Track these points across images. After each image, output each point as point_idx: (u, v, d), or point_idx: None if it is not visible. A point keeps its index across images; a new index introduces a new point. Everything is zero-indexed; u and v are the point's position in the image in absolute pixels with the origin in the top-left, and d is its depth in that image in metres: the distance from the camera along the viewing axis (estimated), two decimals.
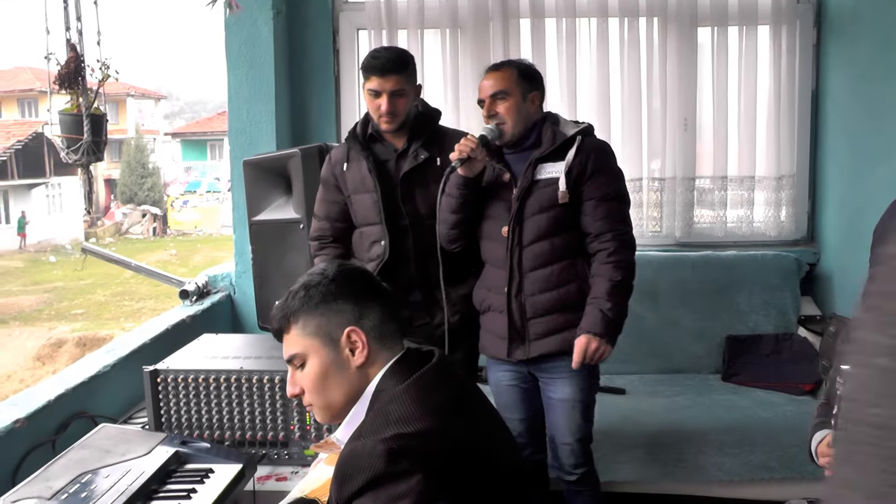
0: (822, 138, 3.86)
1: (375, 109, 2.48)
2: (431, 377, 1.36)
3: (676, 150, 3.81)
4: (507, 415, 2.54)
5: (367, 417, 1.35)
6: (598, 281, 2.38)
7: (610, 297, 2.34)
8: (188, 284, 3.48)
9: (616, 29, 3.77)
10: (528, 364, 2.48)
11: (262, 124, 3.57)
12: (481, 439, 1.38)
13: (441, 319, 2.56)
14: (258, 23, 3.51)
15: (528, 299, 2.42)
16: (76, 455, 1.92)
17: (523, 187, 2.40)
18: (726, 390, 3.42)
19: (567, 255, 2.42)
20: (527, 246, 2.41)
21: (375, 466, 1.22)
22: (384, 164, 2.57)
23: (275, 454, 2.25)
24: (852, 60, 3.63)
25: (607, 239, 2.39)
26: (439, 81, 3.82)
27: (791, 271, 3.73)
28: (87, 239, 22.90)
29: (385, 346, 1.40)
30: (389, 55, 2.49)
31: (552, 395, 2.48)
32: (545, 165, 2.40)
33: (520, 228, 2.41)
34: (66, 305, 16.23)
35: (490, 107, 2.42)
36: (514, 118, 2.41)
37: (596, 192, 2.39)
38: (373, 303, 1.39)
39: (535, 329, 2.43)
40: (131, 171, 27.82)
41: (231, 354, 2.39)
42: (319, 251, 2.69)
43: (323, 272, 1.42)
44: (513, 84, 2.41)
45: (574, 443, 2.48)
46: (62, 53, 2.67)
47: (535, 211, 2.39)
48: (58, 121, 2.75)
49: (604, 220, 2.39)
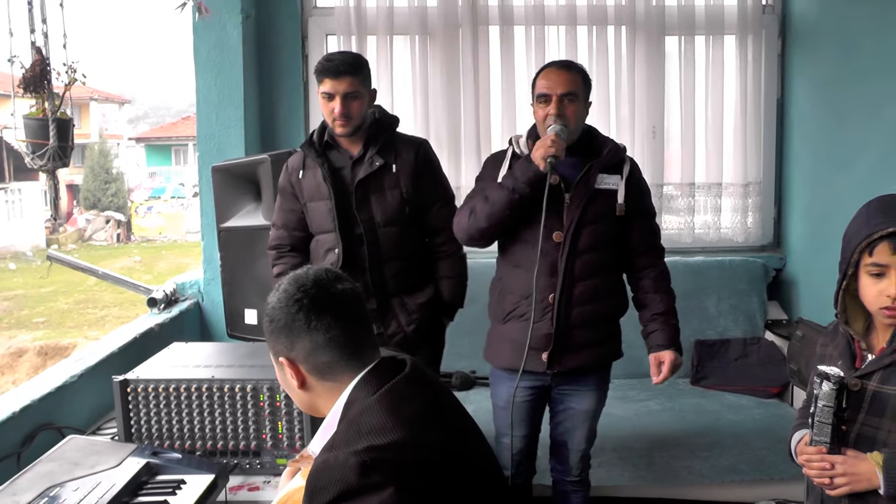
0: (788, 146, 3.92)
1: (329, 113, 2.47)
2: (403, 387, 1.35)
3: (645, 157, 3.84)
4: (513, 432, 2.47)
5: (340, 428, 1.33)
6: (659, 298, 2.43)
7: (674, 312, 2.43)
8: (156, 292, 3.43)
9: (584, 37, 3.80)
10: (555, 376, 2.43)
11: (231, 129, 3.54)
12: (455, 449, 1.37)
13: (396, 329, 2.55)
14: (227, 27, 3.48)
15: (576, 309, 2.37)
16: (43, 468, 1.88)
17: (586, 195, 2.34)
18: (695, 394, 3.47)
19: (613, 268, 2.43)
20: (581, 254, 2.35)
21: (347, 479, 1.21)
22: (339, 171, 2.55)
23: (247, 464, 2.22)
24: (815, 70, 3.70)
25: (658, 256, 2.46)
26: (408, 88, 3.82)
27: (758, 276, 3.78)
28: (49, 245, 22.50)
29: (323, 375, 1.39)
30: (343, 58, 2.48)
31: (575, 406, 2.47)
32: (603, 176, 2.37)
33: (576, 235, 2.34)
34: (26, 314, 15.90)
35: (560, 105, 2.33)
36: (577, 122, 2.36)
37: (646, 209, 2.45)
38: (302, 335, 1.37)
39: (577, 339, 2.38)
40: (95, 177, 27.37)
41: (202, 363, 2.36)
42: (277, 260, 2.67)
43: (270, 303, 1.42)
44: (580, 87, 2.36)
45: (587, 449, 2.53)
46: (26, 56, 2.62)
47: (593, 220, 2.35)
48: (22, 125, 2.69)
49: (652, 236, 2.46)
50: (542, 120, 2.35)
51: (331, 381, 1.39)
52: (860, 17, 3.31)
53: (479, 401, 3.34)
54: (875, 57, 3.18)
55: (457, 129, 3.78)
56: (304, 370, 1.40)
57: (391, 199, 2.52)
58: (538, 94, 2.36)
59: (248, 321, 3.08)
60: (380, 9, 3.73)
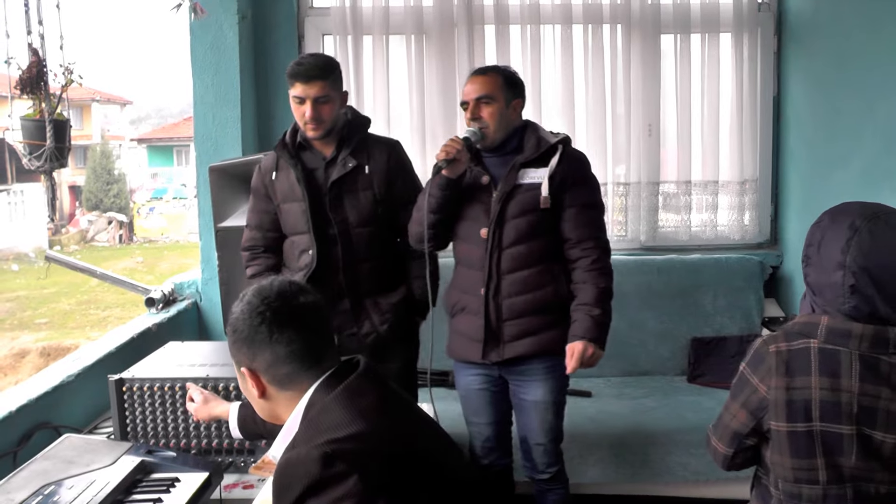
0: (784, 143, 3.93)
1: (301, 116, 2.48)
2: (357, 383, 1.39)
3: (641, 155, 3.86)
4: (475, 419, 2.58)
5: (300, 429, 1.37)
6: (585, 287, 2.43)
7: (598, 303, 2.41)
8: (154, 292, 3.44)
9: (580, 36, 3.81)
10: (500, 366, 2.49)
11: (228, 130, 3.55)
12: (416, 438, 1.41)
13: (369, 328, 2.57)
14: (223, 27, 3.49)
15: (505, 301, 2.44)
16: (39, 466, 1.90)
17: (505, 191, 2.42)
18: (692, 391, 3.47)
19: (544, 259, 2.45)
20: (506, 248, 2.42)
21: (311, 472, 1.24)
22: (313, 172, 2.56)
23: (241, 462, 2.24)
24: (811, 67, 3.71)
25: (590, 246, 2.45)
26: (404, 87, 3.83)
27: (755, 274, 3.79)
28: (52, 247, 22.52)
29: (283, 385, 1.42)
30: (314, 62, 2.48)
31: (525, 397, 2.50)
32: (527, 171, 2.43)
33: (500, 231, 2.42)
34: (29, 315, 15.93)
35: (475, 109, 2.43)
36: (497, 123, 2.43)
37: (577, 200, 2.44)
38: (264, 347, 1.40)
39: (510, 331, 2.45)
40: (97, 178, 27.40)
41: (197, 362, 2.37)
42: (251, 262, 2.68)
43: (234, 313, 1.44)
44: (498, 90, 2.44)
45: (547, 443, 2.52)
46: (23, 57, 2.64)
47: (516, 214, 2.42)
48: (19, 126, 2.70)
49: (585, 227, 2.45)
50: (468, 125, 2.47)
51: (290, 390, 1.42)
52: (855, 13, 3.31)
53: None
54: (870, 53, 3.19)
55: (452, 128, 3.78)
56: (265, 381, 1.43)
57: (364, 200, 2.54)
58: (461, 102, 2.50)
59: None
60: (375, 8, 3.75)
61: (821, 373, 1.56)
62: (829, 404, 1.55)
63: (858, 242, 1.55)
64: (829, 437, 1.56)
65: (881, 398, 1.53)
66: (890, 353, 1.54)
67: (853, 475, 1.56)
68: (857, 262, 1.54)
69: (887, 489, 1.56)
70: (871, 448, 1.55)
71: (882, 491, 1.57)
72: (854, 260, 1.55)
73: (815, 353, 1.57)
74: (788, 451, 1.61)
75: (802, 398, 1.57)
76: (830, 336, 1.57)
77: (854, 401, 1.54)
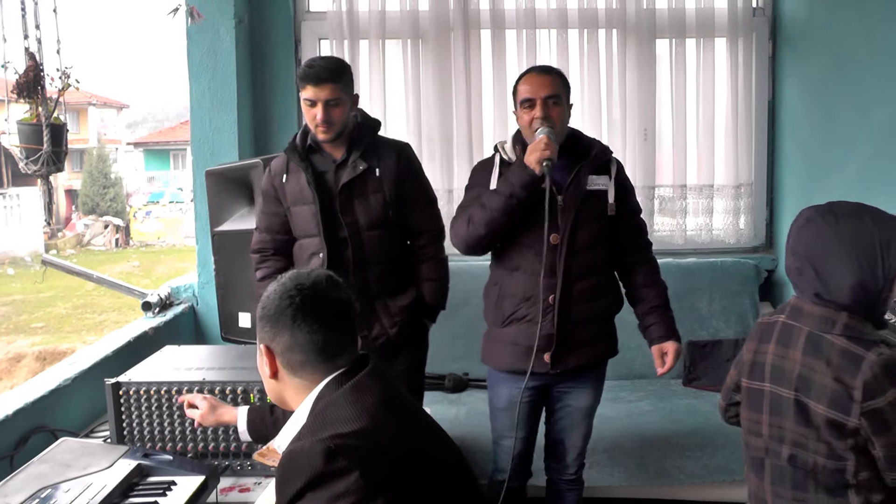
0: (779, 147, 3.95)
1: (312, 119, 2.47)
2: (366, 381, 1.41)
3: (637, 159, 3.87)
4: (510, 433, 2.50)
5: (307, 421, 1.39)
6: (653, 291, 2.48)
7: (669, 305, 2.49)
8: (150, 296, 3.45)
9: (576, 40, 3.83)
10: (556, 376, 2.44)
11: (225, 134, 3.56)
12: (419, 440, 1.42)
13: (379, 331, 2.57)
14: (220, 32, 3.50)
15: (575, 308, 2.40)
16: (35, 470, 1.90)
17: (577, 196, 2.38)
18: (687, 395, 3.48)
19: (608, 267, 2.48)
20: (578, 254, 2.38)
21: (314, 466, 1.25)
22: (323, 175, 2.55)
23: (238, 465, 2.24)
24: (806, 72, 3.72)
25: (648, 251, 2.53)
26: (401, 91, 3.84)
27: (750, 277, 3.80)
28: (48, 251, 22.48)
29: (294, 371, 1.44)
30: (325, 64, 2.47)
31: (573, 404, 2.51)
32: (592, 177, 2.41)
33: (574, 236, 2.38)
34: (25, 319, 15.88)
35: (544, 108, 2.36)
36: (562, 124, 2.41)
37: (630, 207, 2.50)
38: (285, 329, 1.42)
39: (578, 338, 2.42)
40: (93, 182, 27.35)
41: (193, 366, 2.38)
42: (261, 264, 2.66)
43: (268, 291, 1.48)
44: (562, 90, 2.41)
45: (583, 446, 2.57)
46: (20, 62, 2.64)
47: (587, 220, 2.39)
48: (16, 130, 2.71)
49: (642, 233, 2.52)
50: (528, 124, 2.38)
51: (300, 377, 1.44)
52: (849, 18, 3.33)
53: (472, 402, 3.37)
54: (864, 58, 3.20)
55: (449, 132, 3.80)
56: (279, 362, 1.45)
57: (374, 203, 2.53)
58: (522, 99, 2.40)
59: (242, 324, 3.10)
60: (372, 13, 3.76)
61: (777, 342, 1.80)
62: (778, 369, 1.78)
63: (808, 233, 1.75)
64: (776, 398, 1.79)
65: (816, 371, 1.69)
66: (834, 334, 1.69)
67: (792, 439, 1.75)
68: (803, 250, 1.75)
69: (823, 462, 1.70)
70: (808, 416, 1.71)
71: (819, 462, 1.71)
72: (802, 249, 1.76)
73: (779, 327, 1.81)
74: (747, 405, 1.89)
75: (762, 361, 1.83)
76: (792, 313, 1.79)
77: (796, 369, 1.73)
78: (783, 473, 1.79)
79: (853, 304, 1.69)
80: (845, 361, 1.65)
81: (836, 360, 1.66)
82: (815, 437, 1.70)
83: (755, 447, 1.87)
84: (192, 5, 3.27)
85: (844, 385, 1.64)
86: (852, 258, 1.68)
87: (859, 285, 1.67)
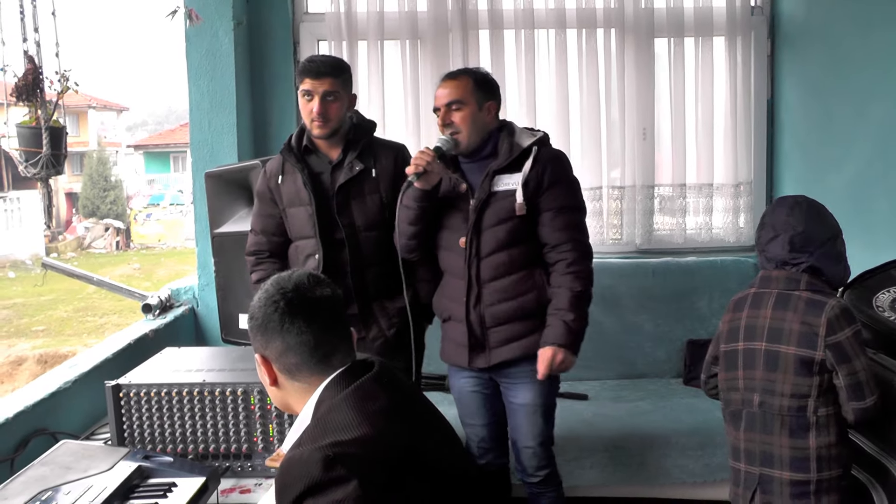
0: (778, 146, 3.95)
1: (308, 113, 2.47)
2: (370, 386, 1.39)
3: (636, 158, 3.87)
4: (470, 421, 2.60)
5: (308, 426, 1.38)
6: (559, 292, 2.40)
7: (572, 308, 2.38)
8: (151, 298, 3.45)
9: (574, 40, 3.82)
10: (489, 370, 2.50)
11: (224, 136, 3.56)
12: (423, 445, 1.41)
13: (377, 333, 2.57)
14: (219, 34, 3.50)
15: (487, 309, 2.43)
16: (36, 472, 1.90)
17: (481, 199, 2.40)
18: (687, 394, 3.48)
19: (525, 266, 2.44)
20: (485, 257, 2.41)
21: (312, 474, 1.25)
22: (319, 176, 2.55)
23: (238, 467, 2.24)
24: (805, 70, 3.73)
25: (566, 249, 2.41)
26: (399, 92, 3.84)
27: (749, 276, 3.78)
28: (49, 254, 22.50)
29: (292, 375, 1.44)
30: (325, 59, 2.50)
31: (514, 400, 2.50)
32: (502, 177, 2.41)
33: (478, 240, 2.41)
34: (26, 322, 15.90)
35: (445, 116, 2.41)
36: (470, 128, 2.41)
37: (553, 203, 2.41)
38: (275, 335, 1.42)
39: (495, 338, 2.45)
40: (93, 185, 27.39)
41: (194, 367, 2.38)
42: (256, 266, 2.66)
43: (253, 300, 1.48)
44: (468, 93, 2.41)
45: (536, 446, 2.50)
46: (19, 65, 2.65)
47: (493, 223, 2.40)
48: (15, 134, 2.71)
49: (561, 230, 2.42)
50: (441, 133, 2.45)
51: (300, 381, 1.43)
52: (848, 18, 3.34)
53: None
54: (862, 57, 3.21)
55: None
56: (276, 369, 1.45)
57: (371, 204, 2.53)
58: (433, 108, 2.47)
59: (243, 326, 3.10)
60: (370, 14, 3.76)
61: (750, 307, 2.18)
62: (751, 328, 2.15)
63: (766, 213, 2.22)
64: (748, 353, 2.15)
65: (785, 321, 2.09)
66: (801, 290, 2.10)
67: (762, 387, 2.12)
68: (763, 227, 2.20)
69: (788, 403, 2.07)
70: (777, 361, 2.09)
71: (784, 404, 2.08)
72: (762, 225, 2.21)
73: (751, 296, 2.20)
74: (724, 367, 2.24)
75: (737, 326, 2.19)
76: (762, 283, 2.19)
77: (766, 324, 2.12)
78: (754, 419, 2.14)
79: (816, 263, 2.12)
80: (810, 307, 2.06)
81: (802, 307, 2.07)
82: (781, 379, 2.07)
83: (733, 401, 2.21)
84: (191, 7, 3.27)
85: (809, 325, 2.04)
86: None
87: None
